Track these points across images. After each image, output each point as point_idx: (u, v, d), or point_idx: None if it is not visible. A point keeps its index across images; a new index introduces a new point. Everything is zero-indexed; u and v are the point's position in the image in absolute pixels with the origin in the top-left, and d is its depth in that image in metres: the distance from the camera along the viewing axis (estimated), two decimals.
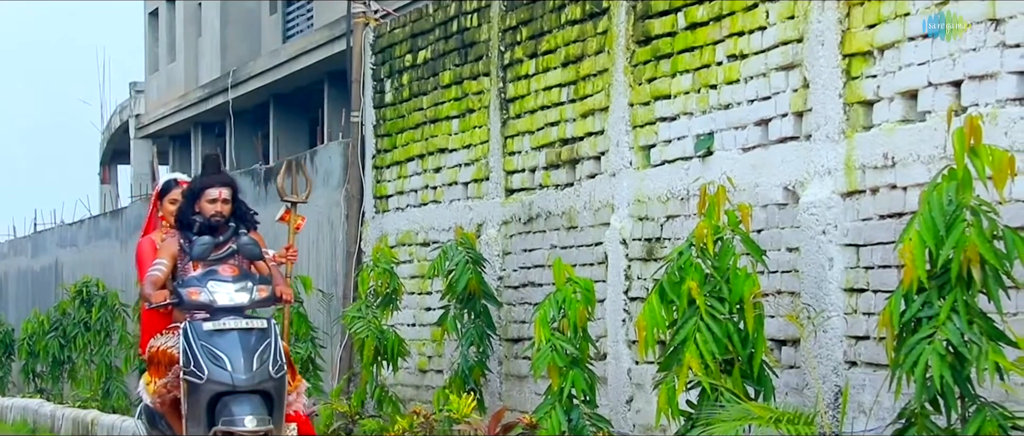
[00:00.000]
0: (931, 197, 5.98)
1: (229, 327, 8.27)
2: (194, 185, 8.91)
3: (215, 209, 8.75)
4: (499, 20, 11.26)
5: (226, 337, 8.25)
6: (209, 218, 8.73)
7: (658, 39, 9.23)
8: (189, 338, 8.25)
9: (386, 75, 13.33)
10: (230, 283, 8.40)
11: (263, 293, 8.49)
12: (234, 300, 8.38)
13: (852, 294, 7.56)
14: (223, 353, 8.20)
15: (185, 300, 8.37)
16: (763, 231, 8.14)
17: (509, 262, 11.11)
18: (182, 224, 8.81)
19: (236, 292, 8.40)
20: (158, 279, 8.60)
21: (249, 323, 8.34)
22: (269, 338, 8.33)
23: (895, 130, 7.24)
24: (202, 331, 8.26)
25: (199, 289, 8.36)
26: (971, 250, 5.86)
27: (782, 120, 8.12)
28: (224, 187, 8.82)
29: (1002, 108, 6.58)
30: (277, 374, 8.28)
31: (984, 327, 5.97)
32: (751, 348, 7.29)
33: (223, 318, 8.31)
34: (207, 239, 8.56)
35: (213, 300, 8.35)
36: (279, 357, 8.32)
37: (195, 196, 8.81)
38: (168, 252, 8.74)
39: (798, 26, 7.92)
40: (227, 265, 8.54)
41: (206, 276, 8.44)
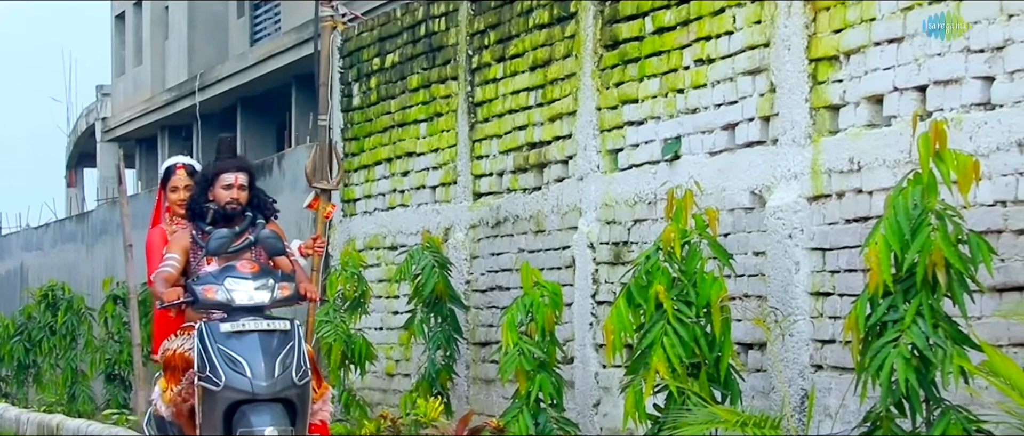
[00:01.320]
0: (896, 201, 6.01)
1: (248, 329, 7.48)
2: (207, 170, 8.06)
3: (231, 196, 7.92)
4: (467, 24, 11.27)
5: (245, 340, 7.45)
6: (224, 206, 7.92)
7: (626, 43, 9.25)
8: (204, 340, 7.47)
9: (354, 79, 13.32)
10: (249, 280, 7.59)
11: (285, 291, 7.66)
12: (254, 299, 7.56)
13: (818, 298, 7.59)
14: (242, 357, 7.40)
15: (200, 298, 7.56)
16: (730, 235, 8.17)
17: (477, 266, 11.12)
18: (194, 213, 8.00)
19: (256, 290, 7.58)
20: (170, 275, 7.81)
21: (270, 324, 7.53)
22: (292, 341, 7.52)
23: (861, 135, 7.28)
24: (219, 333, 7.46)
25: (215, 287, 7.55)
26: (936, 254, 5.89)
27: (749, 124, 8.14)
28: (240, 172, 7.98)
29: (967, 113, 6.62)
30: (301, 381, 7.47)
31: (949, 331, 6.00)
32: (718, 352, 7.31)
33: (242, 319, 7.50)
34: (225, 232, 7.76)
35: (231, 299, 7.53)
36: (303, 362, 7.50)
37: (208, 182, 7.98)
38: (179, 245, 7.95)
39: (765, 31, 7.95)
40: (246, 260, 7.73)
41: (223, 272, 7.62)
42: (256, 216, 8.01)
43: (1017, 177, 6.38)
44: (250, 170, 8.09)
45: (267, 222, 8.01)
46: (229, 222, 7.89)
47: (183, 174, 8.24)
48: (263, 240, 7.85)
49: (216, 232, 7.74)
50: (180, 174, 8.25)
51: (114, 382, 17.10)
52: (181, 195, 8.19)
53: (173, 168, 8.33)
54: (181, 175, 8.24)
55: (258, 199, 8.06)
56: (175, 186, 8.26)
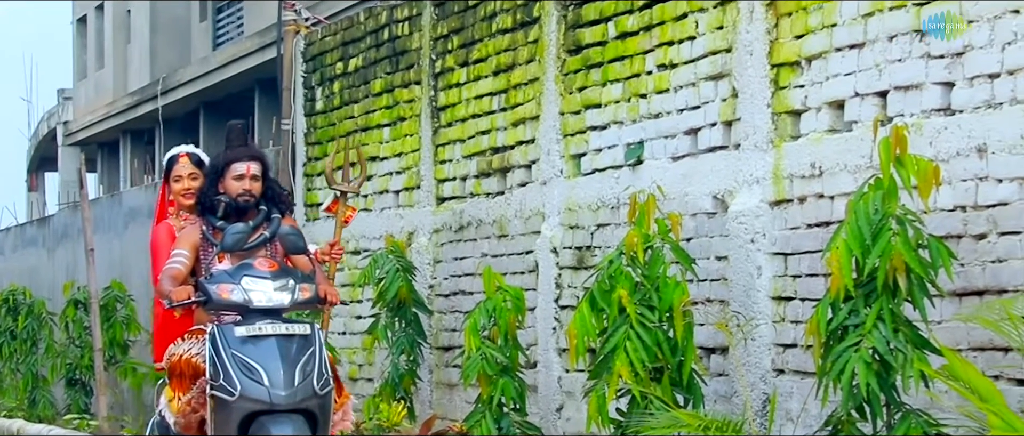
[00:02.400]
0: (858, 206, 6.04)
1: (266, 333, 6.76)
2: (216, 160, 7.42)
3: (243, 187, 7.29)
4: (430, 29, 11.27)
5: (262, 345, 6.74)
6: (236, 198, 7.29)
7: (589, 48, 9.27)
8: (217, 345, 6.76)
9: (317, 83, 13.30)
10: (268, 280, 6.88)
11: (306, 293, 6.95)
12: (273, 300, 6.85)
13: (780, 302, 7.62)
14: (259, 364, 6.69)
15: (214, 299, 6.85)
16: (692, 240, 8.19)
17: (440, 270, 11.11)
18: (204, 207, 7.38)
19: (276, 291, 6.86)
20: (178, 273, 7.16)
21: (289, 328, 6.82)
22: (313, 346, 6.82)
23: (822, 140, 7.31)
24: (233, 337, 6.75)
25: (231, 286, 6.84)
26: (897, 259, 5.92)
27: (711, 129, 8.17)
28: (253, 161, 7.34)
29: (927, 118, 6.66)
30: (322, 390, 6.76)
31: (909, 335, 6.04)
32: (681, 356, 7.33)
33: (258, 322, 6.79)
34: (241, 227, 7.11)
35: (248, 300, 6.82)
36: (325, 369, 6.80)
37: (218, 173, 7.35)
38: (188, 241, 7.29)
39: (727, 36, 7.98)
40: (263, 258, 7.07)
41: (239, 271, 6.91)
42: (271, 210, 7.41)
43: (977, 182, 6.42)
44: (263, 159, 7.44)
45: (282, 217, 7.42)
46: (241, 216, 7.31)
47: (187, 162, 7.62)
48: (283, 237, 7.20)
49: (231, 227, 7.11)
50: (183, 162, 7.63)
51: (75, 387, 17.03)
52: (185, 184, 7.59)
53: (176, 157, 7.70)
54: (184, 163, 7.62)
55: (272, 191, 7.44)
56: (178, 175, 7.62)
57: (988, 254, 6.36)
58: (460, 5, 10.86)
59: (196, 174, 7.53)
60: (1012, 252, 6.26)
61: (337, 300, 7.16)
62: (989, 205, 6.36)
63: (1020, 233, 6.22)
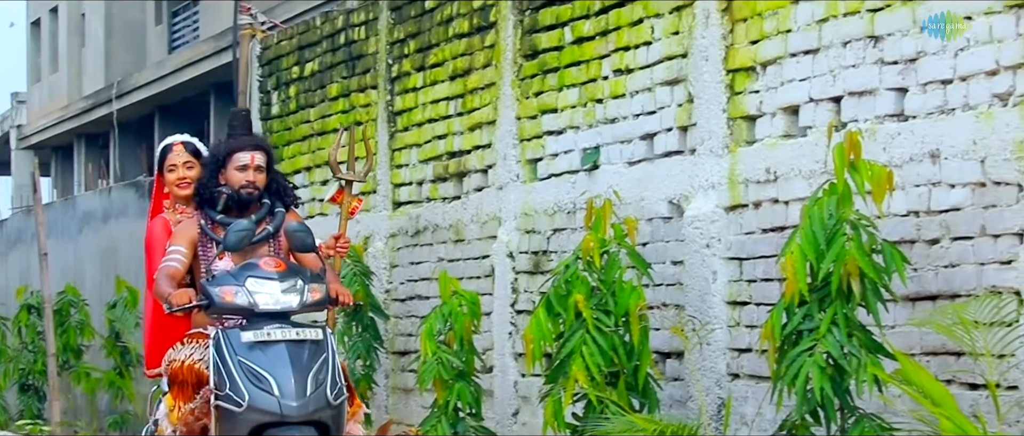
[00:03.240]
0: (812, 211, 6.07)
1: (275, 338, 6.27)
2: (217, 150, 6.87)
3: (246, 179, 6.70)
4: (387, 33, 11.26)
5: (271, 351, 6.25)
6: (238, 191, 6.70)
7: (545, 53, 9.28)
8: (222, 351, 6.26)
9: (273, 87, 13.27)
10: (275, 281, 6.38)
11: (316, 294, 6.45)
12: (281, 303, 6.36)
13: (735, 307, 7.65)
14: (267, 372, 6.19)
15: (217, 302, 6.34)
16: (648, 244, 8.21)
17: (396, 275, 11.10)
18: (203, 200, 6.79)
19: (283, 292, 6.37)
20: (176, 272, 6.59)
21: (300, 333, 6.31)
22: (326, 352, 6.32)
23: (777, 145, 7.34)
24: (240, 343, 6.27)
25: (235, 288, 6.34)
26: (851, 264, 5.96)
27: (667, 134, 8.19)
28: (257, 151, 6.76)
29: (881, 124, 6.70)
30: (336, 400, 6.27)
31: (863, 340, 6.07)
32: (636, 361, 7.35)
33: (266, 326, 6.29)
34: (245, 223, 6.55)
35: (253, 302, 6.33)
36: (338, 377, 6.31)
37: (219, 163, 6.77)
38: (185, 237, 6.70)
39: (683, 41, 8.01)
40: (268, 257, 6.55)
41: (243, 271, 6.41)
42: (274, 203, 6.83)
43: (930, 188, 6.46)
44: (268, 149, 6.88)
45: (287, 211, 6.85)
46: (243, 210, 6.74)
47: (181, 150, 7.12)
48: (291, 233, 6.64)
49: (234, 224, 6.56)
50: (177, 150, 7.12)
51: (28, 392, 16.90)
52: (180, 173, 7.07)
53: (170, 146, 7.20)
54: (178, 151, 7.12)
55: (276, 183, 6.89)
56: (173, 164, 7.09)
57: (941, 259, 6.41)
58: (417, 9, 10.85)
59: (191, 163, 7.08)
60: (964, 257, 6.30)
61: (350, 301, 6.64)
62: (942, 210, 6.41)
63: (972, 238, 6.27)
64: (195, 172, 7.00)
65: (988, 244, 6.19)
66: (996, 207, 6.15)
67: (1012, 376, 6.00)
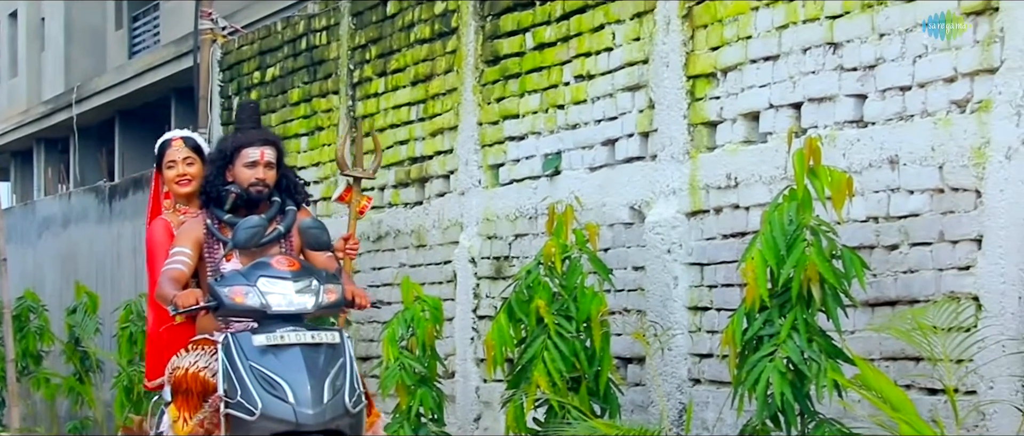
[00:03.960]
0: (772, 217, 6.09)
1: (289, 342, 5.91)
2: (225, 144, 6.50)
3: (256, 176, 6.36)
4: (348, 38, 11.25)
5: (285, 356, 5.87)
6: (247, 188, 6.36)
7: (507, 59, 9.29)
8: (232, 357, 5.90)
9: (234, 92, 13.24)
10: (288, 281, 6.01)
11: (332, 295, 6.08)
12: (294, 304, 5.99)
13: (696, 312, 7.67)
14: (282, 378, 5.82)
15: (226, 303, 5.96)
16: (610, 250, 8.23)
17: (358, 280, 11.07)
18: (210, 198, 6.44)
19: (298, 293, 6.00)
20: (181, 275, 6.22)
21: (315, 336, 5.95)
22: (343, 357, 5.99)
23: (738, 151, 7.37)
24: (251, 347, 5.88)
25: (246, 289, 5.96)
26: (811, 269, 5.98)
27: (628, 140, 8.21)
28: (267, 146, 6.43)
29: (840, 130, 6.73)
30: (355, 408, 5.94)
31: (823, 345, 6.10)
32: (598, 366, 7.36)
33: (279, 329, 5.92)
34: (255, 220, 6.17)
35: (266, 304, 5.95)
36: (356, 383, 6.00)
37: (227, 159, 6.42)
38: (190, 238, 6.35)
39: (644, 48, 8.03)
40: (281, 256, 6.18)
41: (254, 271, 6.04)
42: (285, 201, 6.50)
43: (889, 193, 6.50)
44: (278, 145, 6.53)
45: (298, 209, 6.53)
46: (252, 209, 6.39)
47: (181, 145, 6.74)
48: (305, 230, 6.26)
49: (244, 221, 6.18)
50: (176, 146, 6.74)
51: None
52: (180, 170, 6.70)
53: (168, 142, 6.81)
54: (178, 147, 6.73)
55: (287, 180, 6.54)
56: (172, 160, 6.70)
57: (900, 265, 6.44)
58: (378, 15, 10.85)
59: (192, 158, 6.71)
60: (923, 263, 6.34)
61: (367, 302, 6.24)
62: (901, 216, 6.44)
63: (931, 244, 6.30)
64: (196, 169, 6.68)
65: (946, 250, 6.23)
66: (954, 213, 6.19)
67: (970, 381, 6.03)
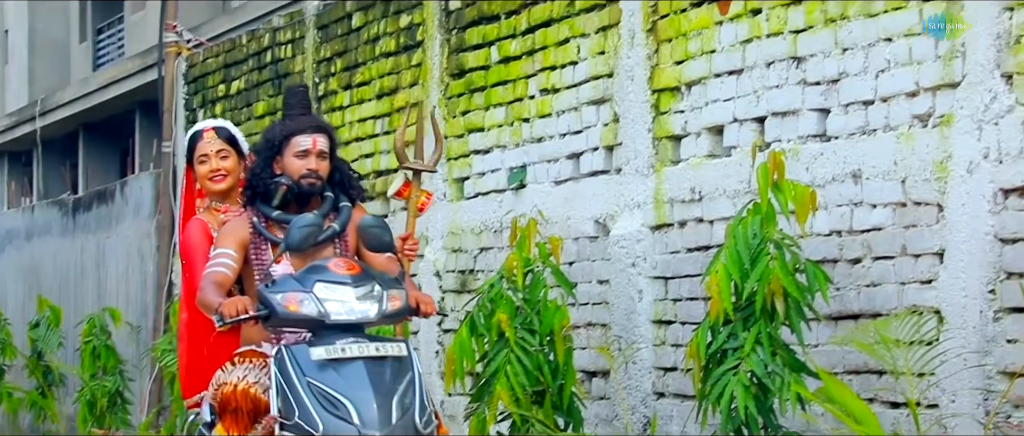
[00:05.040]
0: (736, 231, 6.11)
1: (351, 355, 5.28)
2: (272, 133, 5.81)
3: (307, 167, 5.70)
4: (313, 51, 11.24)
5: (347, 371, 5.24)
6: (298, 182, 5.71)
7: (472, 72, 9.29)
8: (287, 372, 5.27)
9: (199, 105, 13.20)
10: (348, 286, 5.38)
11: (396, 302, 5.47)
12: (355, 313, 5.37)
13: (661, 326, 7.67)
14: (344, 396, 5.20)
15: (279, 311, 5.33)
16: (574, 263, 8.23)
17: None
18: (255, 193, 5.77)
19: (359, 300, 5.38)
20: (225, 279, 5.57)
21: (380, 348, 5.33)
22: (411, 371, 5.36)
23: (702, 165, 7.38)
24: (308, 361, 5.26)
25: (301, 296, 5.34)
26: (775, 283, 5.99)
27: (593, 154, 8.22)
28: (319, 134, 5.76)
29: (804, 144, 6.75)
30: (426, 428, 5.33)
31: (786, 359, 6.11)
32: (561, 380, 7.35)
33: (338, 340, 5.30)
34: (310, 218, 5.51)
35: (324, 312, 5.33)
36: (426, 401, 5.37)
37: (274, 149, 5.76)
38: (234, 237, 5.69)
39: (608, 61, 8.04)
40: (339, 259, 5.55)
41: (310, 275, 5.41)
42: (338, 196, 5.85)
43: (852, 207, 6.52)
44: (330, 133, 5.87)
45: (353, 205, 5.89)
46: (304, 204, 5.76)
47: (213, 137, 6.09)
48: (366, 229, 5.60)
49: (298, 219, 5.52)
50: (208, 138, 6.09)
51: None
52: (213, 165, 6.06)
53: (199, 134, 6.13)
54: (210, 139, 6.09)
55: (340, 173, 5.88)
56: (204, 155, 6.06)
57: (863, 278, 6.47)
58: (343, 28, 10.84)
59: (226, 151, 6.09)
60: (885, 276, 6.36)
61: (433, 309, 5.63)
62: (863, 230, 6.47)
63: (893, 258, 6.33)
64: (231, 162, 6.08)
65: (909, 263, 6.26)
66: (916, 227, 6.22)
67: (932, 394, 6.06)
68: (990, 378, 5.88)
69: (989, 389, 5.87)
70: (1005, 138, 5.81)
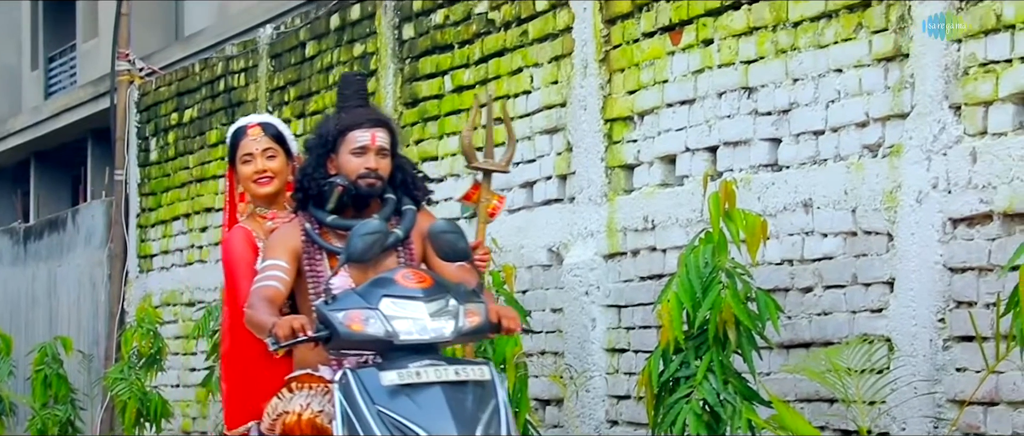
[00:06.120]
0: (688, 259, 6.14)
1: (427, 380, 4.59)
2: (326, 128, 5.12)
3: (365, 166, 5.03)
4: (267, 80, 11.23)
5: (423, 399, 4.57)
6: (355, 182, 5.04)
7: (426, 101, 9.31)
8: (354, 400, 4.59)
9: (151, 133, 13.16)
10: (419, 301, 4.70)
11: (474, 318, 4.77)
12: (429, 331, 4.68)
13: (614, 354, 7.69)
14: (421, 427, 4.55)
15: (341, 331, 4.66)
16: (528, 292, 8.24)
17: None
18: (308, 196, 5.09)
19: (433, 317, 4.70)
20: (277, 295, 4.89)
21: (461, 372, 4.65)
22: (494, 398, 4.67)
23: (655, 194, 7.42)
24: (377, 387, 4.57)
25: (366, 313, 4.65)
26: (726, 311, 6.02)
27: (546, 182, 8.25)
28: (378, 128, 5.09)
29: (755, 173, 6.80)
30: None
31: (738, 386, 6.14)
32: (515, 408, 7.35)
33: (411, 363, 4.62)
34: (375, 224, 4.81)
35: (392, 331, 4.65)
36: (513, 431, 4.74)
37: (328, 146, 5.09)
38: (285, 246, 4.99)
39: (562, 91, 8.07)
40: (408, 270, 4.84)
41: (374, 289, 4.72)
42: (401, 199, 5.17)
43: (803, 236, 6.56)
44: (392, 127, 5.19)
45: (417, 209, 5.22)
46: (362, 208, 5.07)
47: (259, 134, 5.41)
48: (438, 235, 4.88)
49: (361, 225, 4.81)
50: (253, 135, 5.41)
51: None
52: (259, 166, 5.39)
53: (243, 130, 5.45)
54: (255, 136, 5.40)
55: (403, 173, 5.21)
56: (248, 154, 5.37)
57: (814, 307, 6.51)
58: (297, 57, 10.84)
59: (273, 150, 5.40)
60: (837, 305, 6.41)
61: (517, 326, 4.90)
62: (815, 259, 6.51)
63: (844, 286, 6.37)
64: (278, 163, 5.41)
65: (859, 292, 6.30)
66: (867, 256, 6.27)
67: (883, 422, 6.10)
68: (940, 406, 5.92)
69: (939, 417, 5.92)
70: (953, 168, 5.87)
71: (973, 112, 5.82)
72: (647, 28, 7.47)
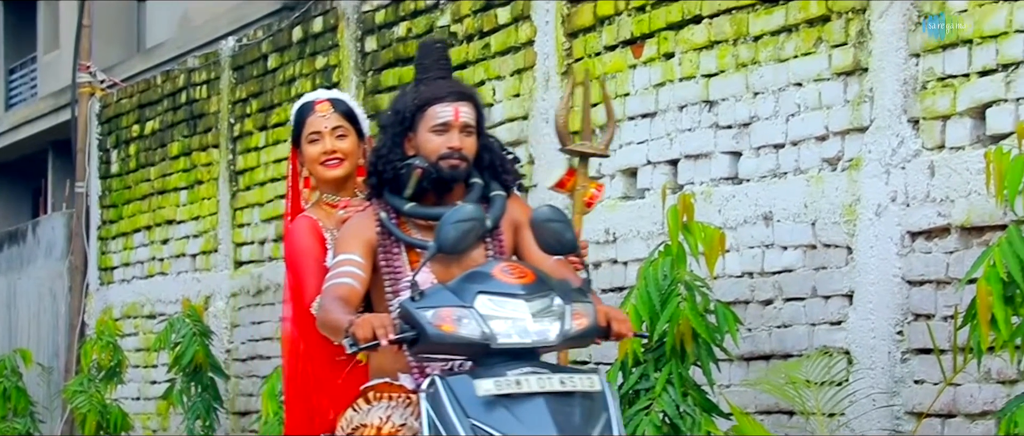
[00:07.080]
0: (647, 272, 6.15)
1: (530, 390, 3.99)
2: (403, 103, 4.48)
3: (448, 145, 4.40)
4: (229, 92, 11.21)
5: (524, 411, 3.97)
6: (436, 164, 4.40)
7: None
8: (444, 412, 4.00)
9: (112, 145, 13.12)
10: (520, 299, 4.08)
11: (582, 321, 4.15)
12: (531, 334, 4.07)
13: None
14: None
15: (430, 333, 4.05)
16: None
17: (237, 334, 11.00)
18: (383, 180, 4.47)
19: (535, 317, 4.08)
20: (351, 293, 4.31)
21: (567, 381, 4.03)
22: (605, 411, 4.08)
23: (616, 206, 7.44)
24: (472, 398, 3.99)
25: (459, 312, 4.05)
26: (685, 324, 6.04)
27: None
28: (462, 102, 4.44)
29: (716, 186, 6.83)
30: None
31: (698, 399, 6.15)
32: None
33: (510, 370, 4.02)
34: (469, 210, 4.16)
35: (489, 334, 4.04)
36: None
37: (405, 122, 4.46)
38: (359, 239, 4.40)
39: (524, 104, 8.09)
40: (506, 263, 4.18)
41: (468, 284, 4.10)
42: (489, 184, 4.53)
43: (763, 249, 6.59)
44: (478, 101, 4.53)
45: (508, 195, 4.56)
46: (443, 193, 4.44)
47: (328, 110, 4.80)
48: (542, 224, 4.22)
49: (452, 212, 4.16)
50: (321, 110, 4.80)
51: None
52: (327, 146, 4.78)
53: (310, 106, 4.84)
54: (324, 112, 4.80)
55: (490, 153, 4.55)
56: (315, 133, 4.78)
57: (774, 319, 6.53)
58: (259, 69, 10.83)
59: (344, 129, 4.79)
60: (796, 318, 6.43)
61: (629, 330, 4.29)
62: (775, 272, 6.54)
63: (804, 299, 6.40)
64: (349, 144, 4.78)
65: (819, 305, 6.33)
66: (826, 269, 6.30)
67: (842, 434, 6.12)
68: (898, 418, 5.95)
69: (897, 429, 5.95)
70: (912, 182, 5.91)
71: (931, 126, 5.86)
72: (609, 41, 7.49)
